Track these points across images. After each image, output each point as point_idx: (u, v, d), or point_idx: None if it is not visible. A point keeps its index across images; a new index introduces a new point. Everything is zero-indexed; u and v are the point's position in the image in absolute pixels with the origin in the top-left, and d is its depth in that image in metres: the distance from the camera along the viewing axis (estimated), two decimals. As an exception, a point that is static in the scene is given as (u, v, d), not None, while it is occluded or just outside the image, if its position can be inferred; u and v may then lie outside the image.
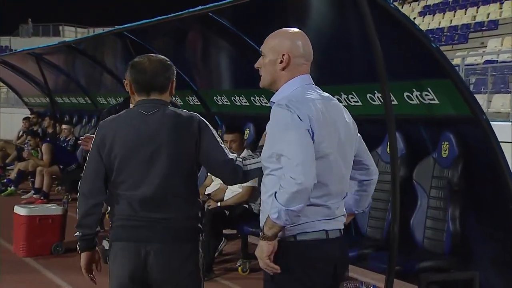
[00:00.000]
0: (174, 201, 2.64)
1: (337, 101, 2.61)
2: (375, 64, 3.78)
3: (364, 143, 2.71)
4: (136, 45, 6.82)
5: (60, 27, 40.26)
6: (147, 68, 2.69)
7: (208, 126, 2.72)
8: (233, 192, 5.94)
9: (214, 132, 2.73)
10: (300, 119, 2.30)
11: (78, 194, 2.72)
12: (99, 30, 39.03)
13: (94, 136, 2.77)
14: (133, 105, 2.87)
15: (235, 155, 2.74)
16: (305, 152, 2.26)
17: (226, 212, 5.70)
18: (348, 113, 2.59)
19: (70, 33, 40.12)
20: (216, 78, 7.10)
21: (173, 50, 7.11)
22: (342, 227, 2.53)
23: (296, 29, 2.52)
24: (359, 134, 2.65)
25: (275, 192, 2.28)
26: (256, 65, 2.54)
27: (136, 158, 2.63)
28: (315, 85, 2.54)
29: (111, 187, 2.68)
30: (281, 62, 2.44)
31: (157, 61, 2.74)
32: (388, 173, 4.58)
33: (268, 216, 2.31)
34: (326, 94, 2.53)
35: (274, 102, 2.45)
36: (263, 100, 6.20)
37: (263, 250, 2.34)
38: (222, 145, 2.71)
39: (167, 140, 2.64)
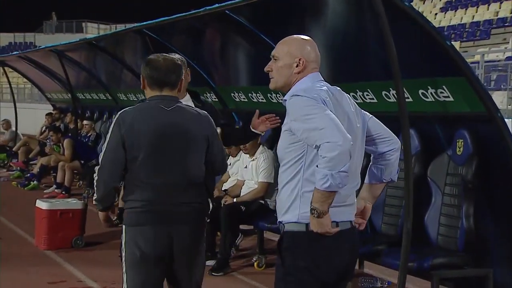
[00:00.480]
0: (192, 188, 2.98)
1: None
2: (390, 63, 3.79)
3: (378, 120, 2.80)
4: (155, 42, 6.91)
5: (83, 24, 40.64)
6: (161, 66, 2.99)
7: (214, 125, 3.13)
8: (249, 188, 6.00)
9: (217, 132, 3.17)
10: (317, 101, 2.44)
11: (97, 179, 2.98)
12: (121, 27, 39.44)
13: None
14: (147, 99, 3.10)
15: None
16: (333, 119, 2.36)
17: (242, 207, 5.76)
18: (355, 104, 2.69)
19: (93, 30, 40.48)
20: (234, 75, 7.16)
21: (191, 48, 7.20)
22: (353, 219, 2.58)
23: (307, 37, 2.69)
24: (370, 115, 2.75)
25: (317, 165, 2.34)
26: (266, 68, 2.69)
27: (162, 148, 2.92)
28: (330, 82, 2.68)
29: (133, 174, 2.92)
30: (297, 66, 2.60)
31: (170, 59, 3.04)
32: (401, 170, 4.60)
33: (317, 191, 2.33)
34: (336, 87, 2.65)
35: (286, 100, 2.59)
36: (279, 97, 6.24)
37: (324, 224, 2.38)
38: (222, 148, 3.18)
39: (189, 133, 2.98)
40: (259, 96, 6.56)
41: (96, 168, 3.00)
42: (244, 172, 6.14)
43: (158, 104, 2.97)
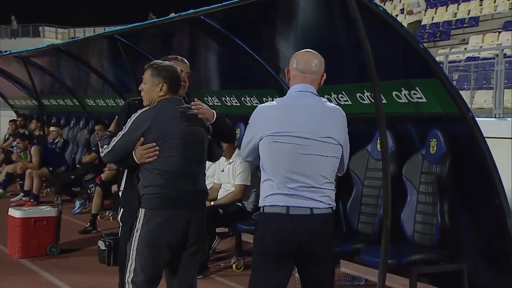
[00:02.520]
0: (200, 177, 3.44)
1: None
2: (366, 65, 3.90)
3: None
4: (127, 47, 6.92)
5: (40, 28, 39.84)
6: (175, 72, 3.49)
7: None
8: (227, 191, 6.06)
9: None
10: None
11: (103, 159, 3.51)
12: (80, 31, 38.84)
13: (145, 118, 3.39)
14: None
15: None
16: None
17: (220, 210, 5.81)
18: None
19: (50, 34, 39.74)
20: (207, 79, 7.18)
21: (163, 52, 7.11)
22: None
23: (302, 50, 3.19)
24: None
25: None
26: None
27: (180, 142, 3.33)
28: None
29: (159, 164, 3.30)
30: (287, 75, 3.15)
31: (174, 66, 3.54)
32: (378, 169, 4.76)
33: None
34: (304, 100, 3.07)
35: None
36: (253, 100, 6.32)
37: None
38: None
39: (196, 130, 3.41)
40: (232, 99, 6.62)
41: (106, 150, 3.42)
42: (221, 175, 6.20)
43: (174, 106, 3.39)
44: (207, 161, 3.59)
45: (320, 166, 2.96)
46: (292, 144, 2.94)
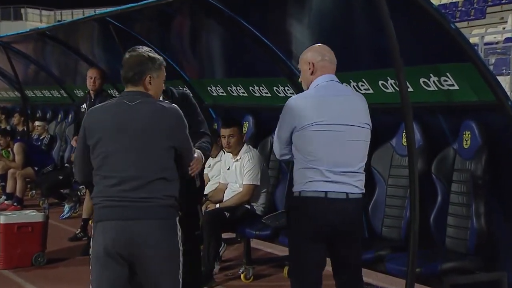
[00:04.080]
0: (155, 182, 3.28)
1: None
2: (389, 49, 3.88)
3: None
4: (120, 31, 6.93)
5: (23, 10, 39.95)
6: (125, 63, 3.41)
7: (183, 119, 3.41)
8: (233, 191, 6.07)
9: (186, 124, 3.44)
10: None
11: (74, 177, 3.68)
12: (67, 13, 38.92)
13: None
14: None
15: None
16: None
17: (226, 214, 5.83)
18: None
19: (34, 17, 39.91)
20: (210, 67, 7.20)
21: (161, 36, 7.23)
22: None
23: (313, 45, 3.84)
24: None
25: None
26: (300, 79, 3.86)
27: (120, 144, 3.28)
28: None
29: (96, 170, 3.33)
30: (310, 69, 3.70)
31: (135, 56, 3.40)
32: (404, 167, 4.75)
33: None
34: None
35: None
36: (263, 90, 6.32)
37: None
38: (191, 143, 3.50)
39: (149, 127, 3.29)
40: (239, 89, 6.62)
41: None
42: (227, 174, 6.21)
43: (121, 100, 3.34)
44: (208, 161, 3.62)
45: (357, 150, 3.69)
46: (335, 131, 3.59)
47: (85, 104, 6.78)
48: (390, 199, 4.96)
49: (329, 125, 3.61)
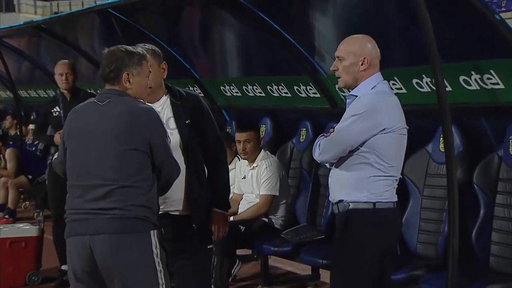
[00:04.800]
0: (117, 191, 3.28)
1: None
2: (424, 43, 3.88)
3: None
4: (124, 24, 6.96)
5: (15, 0, 40.22)
6: (102, 59, 3.45)
7: (159, 119, 3.42)
8: (249, 203, 6.07)
9: (165, 128, 3.47)
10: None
11: None
12: (64, 4, 39.14)
13: None
14: None
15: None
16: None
17: (241, 227, 5.82)
18: None
19: (28, 8, 40.14)
20: (224, 64, 7.22)
21: (169, 30, 7.25)
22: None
23: (364, 35, 3.76)
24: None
25: None
26: (332, 68, 3.74)
27: (82, 147, 3.35)
28: None
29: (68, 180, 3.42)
30: (362, 64, 3.64)
31: (111, 52, 3.44)
32: (442, 176, 4.73)
33: None
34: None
35: (356, 96, 3.66)
36: (282, 89, 6.32)
37: None
38: (169, 145, 3.46)
39: (117, 130, 3.31)
40: (256, 89, 6.62)
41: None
42: (242, 183, 6.21)
43: (92, 100, 3.42)
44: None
45: None
46: (406, 137, 3.73)
47: (57, 107, 6.32)
48: (426, 212, 4.94)
49: (405, 128, 3.72)
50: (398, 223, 3.83)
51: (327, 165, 3.81)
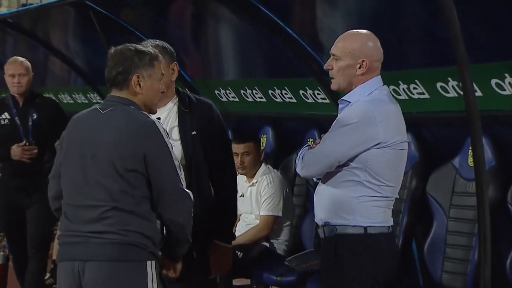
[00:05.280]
0: (112, 214, 3.27)
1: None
2: (450, 40, 3.86)
3: None
4: (103, 18, 6.96)
5: (-16, -8, 40.45)
6: (108, 61, 3.40)
7: (158, 136, 3.33)
8: (248, 225, 6.04)
9: (167, 147, 3.35)
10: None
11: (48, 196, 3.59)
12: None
13: None
14: None
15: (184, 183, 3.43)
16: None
17: (238, 253, 5.78)
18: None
19: (3, 1, 40.29)
20: (219, 64, 7.20)
21: (155, 26, 7.26)
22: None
23: (367, 31, 3.66)
24: None
25: None
26: (326, 67, 3.65)
27: (76, 162, 3.34)
28: None
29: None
30: (360, 67, 3.56)
31: (119, 51, 3.40)
32: (471, 194, 4.72)
33: None
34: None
35: (349, 102, 3.60)
36: (286, 94, 6.30)
37: None
38: (175, 168, 3.35)
39: (110, 146, 3.29)
40: (255, 93, 6.61)
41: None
42: (240, 202, 6.13)
43: (95, 107, 3.41)
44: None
45: None
46: (406, 152, 3.65)
47: (6, 113, 5.99)
48: (453, 237, 4.92)
49: (405, 143, 3.65)
50: (394, 250, 3.73)
51: (314, 179, 3.76)
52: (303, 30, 5.68)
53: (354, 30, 3.68)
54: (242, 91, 6.77)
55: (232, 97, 6.93)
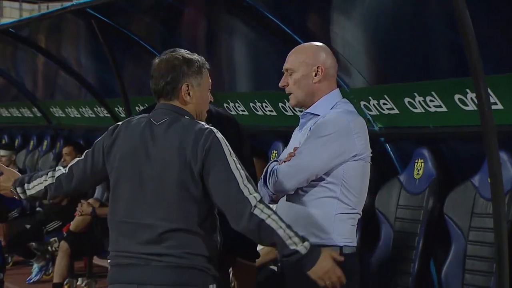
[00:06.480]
0: (173, 235, 3.24)
1: None
2: (464, 48, 3.84)
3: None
4: (106, 27, 6.98)
5: (-4, 3, 40.94)
6: (154, 71, 3.42)
7: (221, 146, 3.27)
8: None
9: (229, 155, 3.27)
10: None
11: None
12: (54, 6, 39.65)
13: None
14: None
15: (257, 195, 3.23)
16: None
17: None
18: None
19: (12, 12, 40.73)
20: (228, 76, 7.18)
21: (161, 36, 7.29)
22: None
23: (318, 43, 3.77)
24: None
25: None
26: (281, 84, 3.69)
27: (132, 176, 3.31)
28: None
29: (110, 213, 3.39)
30: (316, 74, 3.62)
31: (165, 61, 3.41)
32: (492, 215, 4.60)
33: None
34: None
35: (318, 115, 3.61)
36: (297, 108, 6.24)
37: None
38: (239, 175, 3.23)
39: (163, 157, 3.27)
40: (266, 106, 6.60)
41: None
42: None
43: (149, 117, 3.39)
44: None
45: None
46: (369, 166, 3.67)
47: None
48: (472, 261, 4.87)
49: (370, 156, 3.66)
50: (359, 274, 3.66)
51: (267, 198, 3.61)
52: (316, 42, 5.62)
53: (305, 43, 3.84)
54: (251, 104, 6.78)
55: (242, 110, 6.94)
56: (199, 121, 3.37)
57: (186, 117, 3.34)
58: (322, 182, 3.51)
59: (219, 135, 3.28)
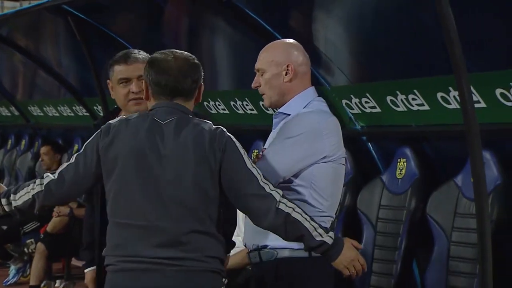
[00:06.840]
0: (191, 238, 3.18)
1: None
2: (446, 44, 3.82)
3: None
4: (84, 25, 6.97)
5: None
6: (173, 67, 3.29)
7: (235, 146, 3.27)
8: (236, 247, 5.91)
9: (243, 154, 3.27)
10: None
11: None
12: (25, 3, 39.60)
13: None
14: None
15: (278, 190, 3.24)
16: None
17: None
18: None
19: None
20: (208, 74, 7.05)
21: (142, 34, 7.29)
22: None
23: (290, 40, 3.73)
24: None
25: None
26: (253, 85, 3.66)
27: (139, 177, 3.21)
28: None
29: (108, 212, 3.29)
30: (287, 73, 3.58)
31: (183, 59, 3.34)
32: (475, 216, 4.60)
33: None
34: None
35: (288, 114, 3.58)
36: (279, 105, 6.24)
37: None
38: (257, 173, 3.24)
39: (178, 158, 3.21)
40: (246, 105, 6.60)
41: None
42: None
43: (153, 116, 3.29)
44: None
45: None
46: (344, 168, 3.66)
47: None
48: (455, 263, 4.88)
49: (344, 157, 3.65)
50: (332, 277, 3.56)
51: None
52: (298, 40, 5.61)
53: (275, 41, 3.81)
54: (232, 102, 6.79)
55: (222, 109, 6.95)
56: (207, 121, 3.32)
57: (190, 116, 3.29)
58: (290, 184, 3.47)
59: (230, 134, 3.28)
